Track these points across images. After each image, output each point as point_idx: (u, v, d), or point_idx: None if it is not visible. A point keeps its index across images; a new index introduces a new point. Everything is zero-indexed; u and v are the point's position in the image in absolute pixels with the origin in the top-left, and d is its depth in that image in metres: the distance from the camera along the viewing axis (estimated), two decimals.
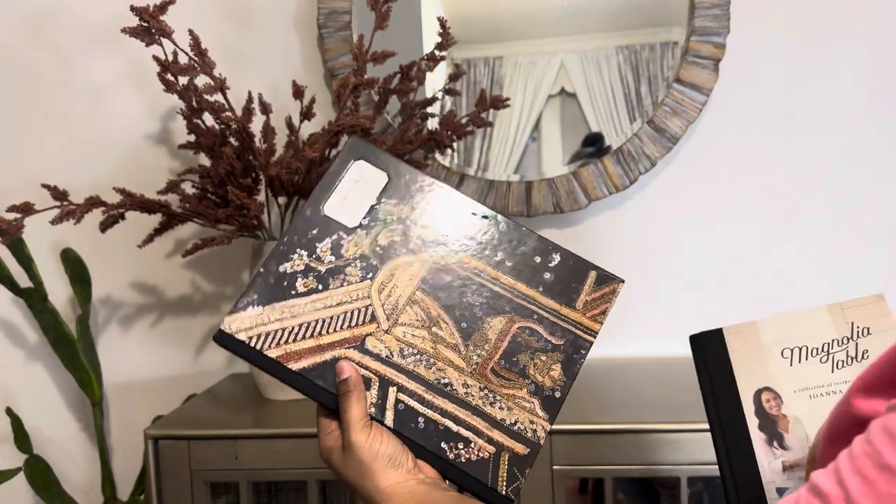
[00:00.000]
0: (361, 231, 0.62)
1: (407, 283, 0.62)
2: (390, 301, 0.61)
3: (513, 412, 0.60)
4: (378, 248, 0.62)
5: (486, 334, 0.61)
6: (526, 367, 0.61)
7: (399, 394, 0.60)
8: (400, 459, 0.57)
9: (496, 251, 0.63)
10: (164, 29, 0.97)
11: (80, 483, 1.35)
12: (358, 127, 1.04)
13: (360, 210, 0.63)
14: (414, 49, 1.21)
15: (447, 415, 0.59)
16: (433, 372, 0.60)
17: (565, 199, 1.22)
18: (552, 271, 0.63)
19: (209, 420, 1.04)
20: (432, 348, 0.61)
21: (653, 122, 1.20)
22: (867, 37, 1.21)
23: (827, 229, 1.24)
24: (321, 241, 0.62)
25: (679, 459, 0.92)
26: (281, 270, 0.61)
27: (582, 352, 0.61)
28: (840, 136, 1.23)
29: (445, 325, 0.61)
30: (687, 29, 1.18)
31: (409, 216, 0.63)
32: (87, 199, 1.02)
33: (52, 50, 1.30)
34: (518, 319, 0.62)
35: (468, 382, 0.60)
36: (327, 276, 0.61)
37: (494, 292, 0.62)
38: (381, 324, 0.61)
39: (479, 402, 0.60)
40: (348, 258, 0.62)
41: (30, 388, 1.35)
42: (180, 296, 1.33)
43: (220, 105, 1.03)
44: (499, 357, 0.61)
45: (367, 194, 0.63)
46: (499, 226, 0.63)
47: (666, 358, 1.24)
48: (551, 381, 0.61)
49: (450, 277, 0.62)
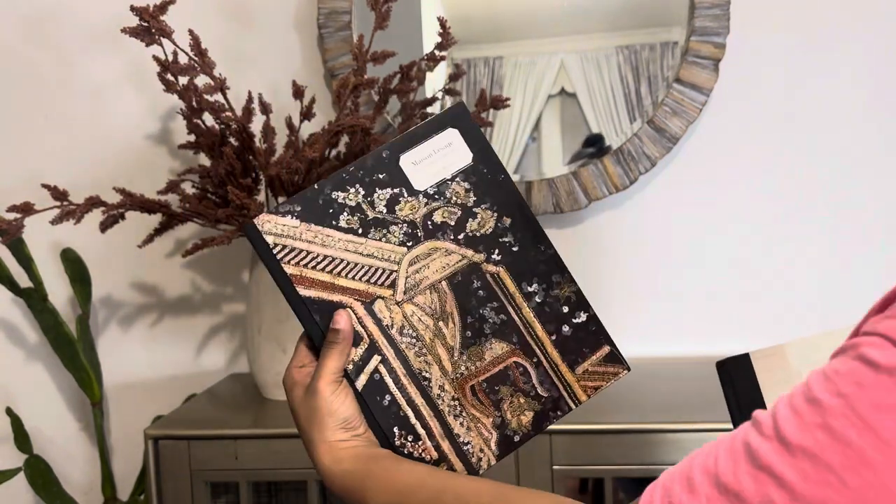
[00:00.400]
0: (423, 198, 0.60)
1: (438, 270, 0.60)
2: (415, 278, 0.60)
3: (470, 433, 0.60)
4: (430, 222, 0.60)
5: (482, 353, 0.61)
6: (502, 401, 0.61)
7: (380, 364, 0.60)
8: (353, 423, 0.58)
9: (531, 282, 0.61)
10: (164, 29, 0.97)
11: (80, 483, 1.35)
12: (358, 127, 1.04)
13: (432, 177, 0.60)
14: (414, 49, 1.21)
15: (412, 405, 0.60)
16: (420, 362, 0.60)
17: (565, 199, 1.22)
18: (573, 327, 0.62)
19: (209, 420, 1.04)
20: (430, 340, 0.60)
21: (653, 122, 1.20)
22: (867, 37, 1.21)
23: (827, 229, 1.24)
24: (383, 187, 0.60)
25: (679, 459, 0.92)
26: (332, 196, 0.59)
27: (558, 413, 0.61)
28: (840, 136, 1.23)
29: (452, 325, 0.61)
30: (687, 29, 1.18)
31: (473, 207, 0.61)
32: (88, 199, 1.02)
33: (52, 50, 1.30)
34: (518, 355, 0.61)
35: (445, 387, 0.60)
36: (371, 224, 0.60)
37: (511, 319, 0.61)
38: (397, 294, 0.60)
39: (446, 409, 0.60)
40: (398, 217, 0.60)
41: (30, 388, 1.35)
42: (180, 296, 1.33)
43: (220, 105, 1.03)
44: (483, 379, 0.61)
45: (446, 165, 0.61)
46: (544, 257, 0.62)
47: (666, 358, 1.24)
48: (517, 424, 0.61)
49: (478, 284, 0.61)
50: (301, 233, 0.59)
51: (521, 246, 0.61)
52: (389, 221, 0.60)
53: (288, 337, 1.07)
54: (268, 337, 1.08)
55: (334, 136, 1.05)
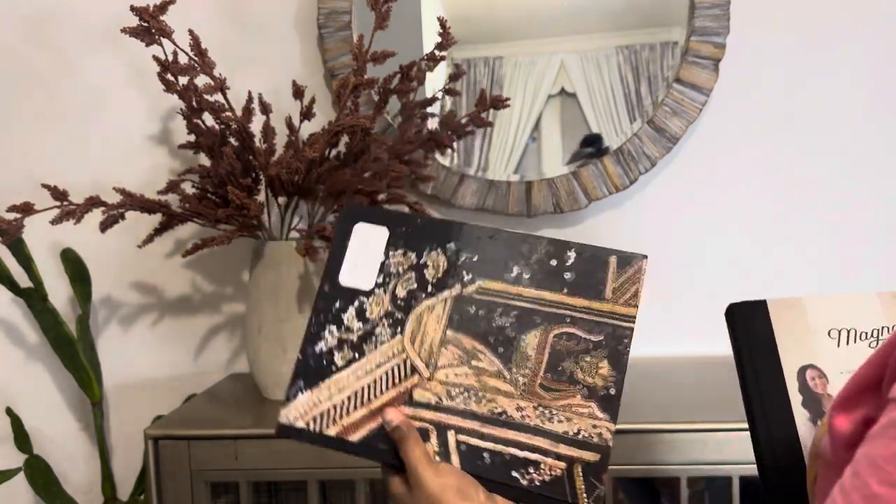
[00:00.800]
0: (379, 290, 0.63)
1: (435, 327, 0.62)
2: (425, 348, 0.61)
3: (573, 422, 0.58)
4: (399, 301, 0.62)
5: (525, 352, 0.60)
6: (573, 373, 0.59)
7: (458, 436, 0.59)
8: (469, 493, 0.56)
9: (510, 267, 0.62)
10: (164, 29, 0.97)
11: (80, 483, 1.35)
12: (358, 127, 1.04)
13: (372, 271, 0.63)
14: (414, 49, 1.21)
15: (510, 443, 0.59)
16: (484, 405, 0.59)
17: (565, 199, 1.22)
18: (571, 270, 0.61)
19: (209, 420, 1.04)
20: (477, 382, 0.60)
21: (653, 122, 1.20)
22: (867, 37, 1.21)
23: (827, 229, 1.24)
24: (345, 311, 0.63)
25: (679, 459, 0.92)
26: (317, 351, 0.62)
27: (625, 341, 0.59)
28: (840, 136, 1.23)
29: (483, 355, 0.61)
30: (687, 29, 1.18)
31: (417, 261, 0.63)
32: (87, 199, 1.02)
33: (52, 50, 1.30)
34: (552, 328, 0.60)
35: (521, 405, 0.59)
36: (360, 343, 0.62)
37: (521, 308, 0.61)
38: (423, 373, 0.61)
39: (538, 422, 0.59)
40: (375, 319, 0.62)
41: (30, 388, 1.35)
42: (180, 296, 1.33)
43: (220, 105, 1.03)
44: (543, 371, 0.60)
45: (375, 253, 0.63)
46: (504, 241, 0.62)
47: (666, 358, 1.24)
48: (602, 380, 0.59)
49: (474, 308, 0.61)
50: (317, 398, 0.61)
51: (474, 251, 0.62)
52: (371, 329, 0.62)
53: (288, 337, 1.07)
54: (268, 337, 1.08)
55: (334, 136, 1.05)
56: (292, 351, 1.07)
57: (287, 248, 1.08)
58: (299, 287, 1.07)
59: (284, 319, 1.07)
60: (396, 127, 1.18)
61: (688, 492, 0.94)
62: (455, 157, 1.25)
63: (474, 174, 1.24)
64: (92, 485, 1.34)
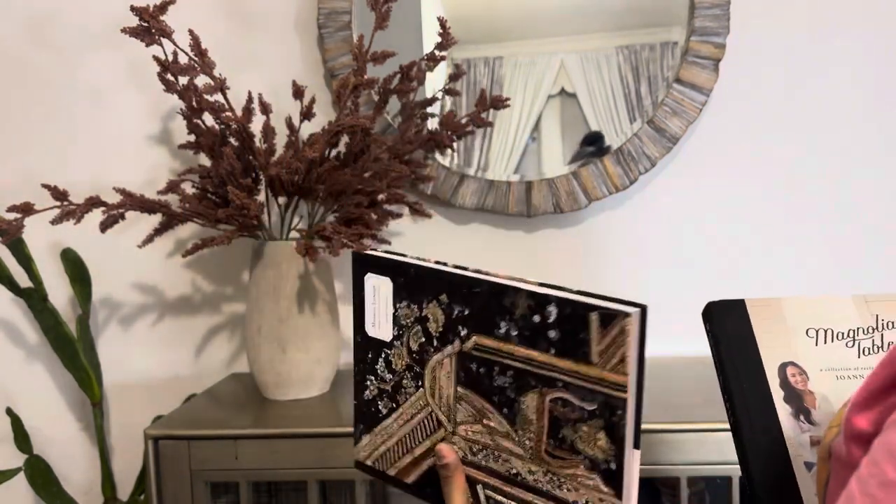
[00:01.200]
0: (397, 342, 0.63)
1: (447, 382, 0.61)
2: (444, 402, 0.61)
3: (580, 493, 0.55)
4: (414, 354, 0.62)
5: (526, 416, 0.57)
6: (574, 442, 0.54)
7: (486, 490, 0.59)
8: None
9: (498, 323, 0.57)
10: (164, 29, 0.97)
11: (80, 483, 1.35)
12: (358, 127, 1.04)
13: (388, 322, 0.63)
14: (414, 49, 1.21)
15: (527, 503, 0.58)
16: (501, 464, 0.59)
17: (565, 199, 1.22)
18: (554, 327, 0.54)
19: (209, 420, 1.04)
20: (492, 441, 0.59)
21: (653, 122, 1.20)
22: (867, 37, 1.21)
23: (827, 229, 1.24)
24: (377, 362, 0.64)
25: (679, 459, 0.92)
26: (365, 399, 0.65)
27: (619, 412, 0.51)
28: (840, 136, 1.23)
29: (492, 414, 0.59)
30: (687, 29, 1.18)
31: (419, 314, 0.61)
32: (88, 200, 1.02)
33: (52, 50, 1.30)
34: (547, 392, 0.55)
35: (532, 469, 0.57)
36: (394, 394, 0.64)
37: (516, 369, 0.56)
38: (447, 426, 0.61)
39: (549, 487, 0.56)
40: (400, 371, 0.63)
41: (30, 388, 1.35)
42: (180, 296, 1.33)
43: (220, 105, 1.03)
44: (546, 437, 0.56)
45: (387, 303, 0.63)
46: (487, 293, 0.57)
47: (666, 358, 1.24)
48: (602, 453, 0.53)
49: (474, 365, 0.59)
50: (374, 442, 0.65)
51: (464, 304, 0.59)
52: (399, 381, 0.64)
53: (288, 337, 1.07)
54: (268, 337, 1.08)
55: (334, 136, 1.05)
56: (292, 351, 1.07)
57: (287, 248, 1.08)
58: (299, 287, 1.08)
59: (284, 319, 1.07)
60: (396, 127, 1.18)
61: (688, 492, 0.94)
62: (455, 157, 1.25)
63: (474, 174, 1.24)
64: (92, 485, 1.34)
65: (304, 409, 1.06)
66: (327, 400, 1.10)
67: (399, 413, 0.63)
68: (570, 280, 1.27)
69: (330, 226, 1.03)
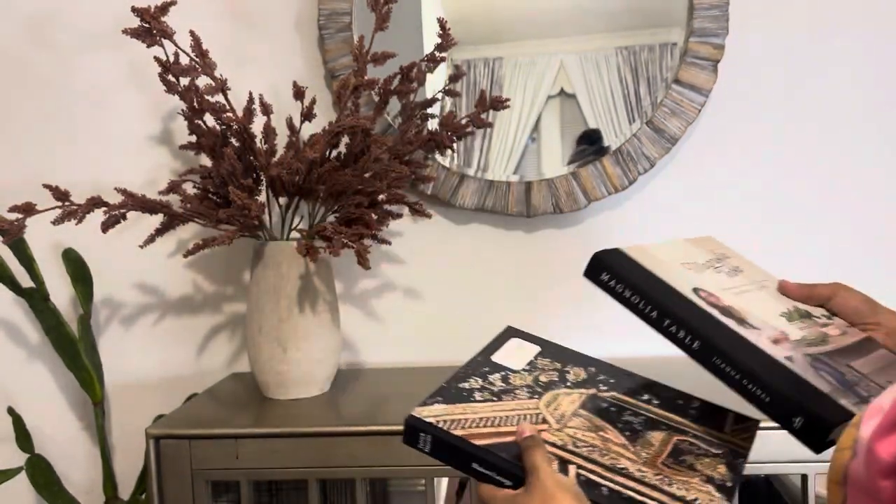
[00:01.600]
0: (524, 372, 0.73)
1: (569, 405, 0.69)
2: (557, 412, 0.68)
3: (691, 492, 0.60)
4: (540, 382, 0.72)
5: (649, 441, 0.65)
6: (694, 465, 0.63)
7: (579, 469, 0.61)
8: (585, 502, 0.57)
9: (642, 394, 0.71)
10: (165, 30, 0.98)
11: (81, 482, 1.36)
12: (358, 128, 1.04)
13: (521, 361, 0.75)
14: (414, 50, 1.21)
15: (629, 488, 0.60)
16: (608, 459, 0.62)
17: (565, 200, 1.23)
18: (696, 409, 0.70)
19: (210, 419, 1.05)
20: (602, 444, 0.64)
21: (652, 122, 1.20)
22: (867, 37, 1.21)
23: (827, 229, 1.24)
24: (492, 374, 0.72)
25: None
26: (459, 386, 0.70)
27: (740, 459, 0.64)
28: (840, 136, 1.23)
29: (611, 430, 0.66)
30: (686, 30, 1.19)
31: (561, 367, 0.75)
32: (89, 200, 1.02)
33: (53, 50, 1.31)
34: (676, 434, 0.66)
35: (642, 469, 0.62)
36: (500, 393, 0.69)
37: (649, 418, 0.68)
38: (552, 426, 0.66)
39: (657, 482, 0.61)
40: (516, 386, 0.71)
41: (31, 387, 1.36)
42: (181, 296, 1.33)
43: (221, 106, 1.03)
44: (666, 456, 0.63)
45: (524, 354, 0.76)
46: (638, 380, 0.73)
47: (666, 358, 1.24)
48: (720, 475, 0.62)
49: (606, 404, 0.69)
50: (452, 410, 0.67)
51: (611, 377, 0.74)
52: (511, 390, 0.70)
53: (288, 336, 1.07)
54: (268, 336, 1.08)
55: (335, 137, 1.05)
56: (292, 350, 1.08)
57: (288, 249, 1.08)
58: (300, 287, 1.08)
59: (285, 319, 1.07)
60: (397, 127, 1.18)
61: None
62: (455, 158, 1.25)
63: (474, 174, 1.24)
64: (93, 484, 1.35)
65: (304, 409, 1.06)
66: (327, 399, 1.10)
67: (496, 405, 0.68)
68: (569, 280, 1.27)
69: (330, 226, 1.03)
